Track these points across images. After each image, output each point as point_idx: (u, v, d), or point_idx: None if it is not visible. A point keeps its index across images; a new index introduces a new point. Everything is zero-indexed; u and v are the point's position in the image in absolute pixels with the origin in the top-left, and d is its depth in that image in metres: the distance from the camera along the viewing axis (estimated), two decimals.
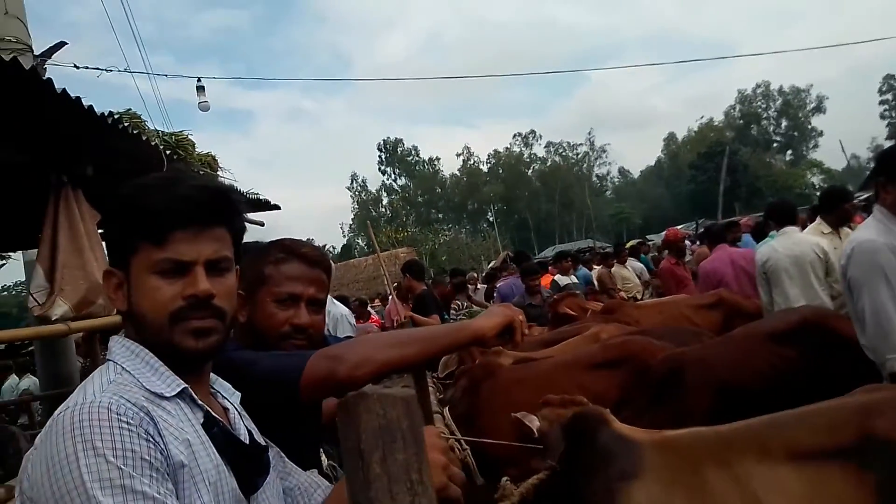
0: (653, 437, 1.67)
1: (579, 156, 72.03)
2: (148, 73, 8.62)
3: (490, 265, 15.67)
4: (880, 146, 58.01)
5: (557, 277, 8.03)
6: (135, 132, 3.46)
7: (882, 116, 61.35)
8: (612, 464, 1.64)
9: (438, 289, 6.70)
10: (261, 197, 5.82)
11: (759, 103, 67.70)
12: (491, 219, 61.32)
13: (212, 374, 1.10)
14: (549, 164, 70.74)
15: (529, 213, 65.25)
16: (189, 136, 4.49)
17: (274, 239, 1.62)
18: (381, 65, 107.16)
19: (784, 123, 66.80)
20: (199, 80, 10.08)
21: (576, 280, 8.05)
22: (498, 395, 2.82)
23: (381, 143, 72.89)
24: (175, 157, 4.12)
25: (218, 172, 4.77)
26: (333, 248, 69.63)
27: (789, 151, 65.66)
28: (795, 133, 65.35)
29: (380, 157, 72.90)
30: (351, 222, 70.43)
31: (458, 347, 1.40)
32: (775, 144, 66.94)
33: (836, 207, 4.14)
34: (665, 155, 72.17)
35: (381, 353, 1.27)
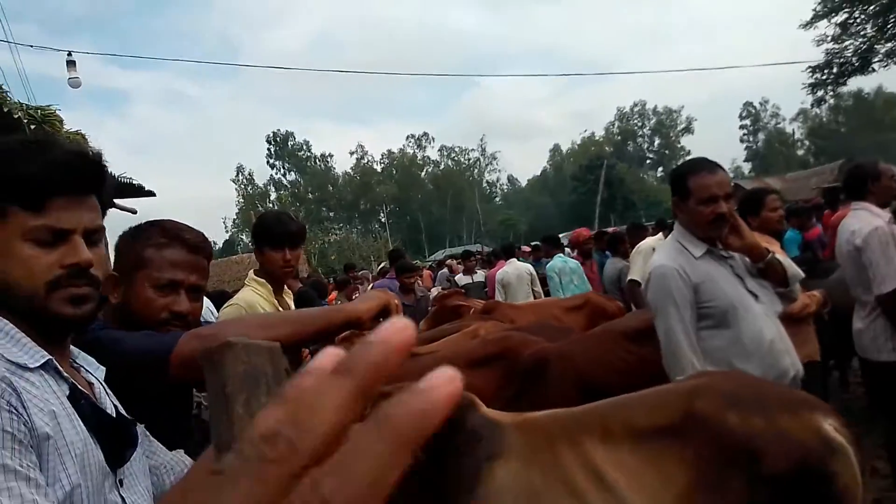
0: (515, 419, 1.83)
1: (471, 161, 73.83)
2: (9, 42, 7.84)
3: (381, 266, 15.69)
4: (739, 167, 64.49)
5: (458, 277, 8.26)
6: None
7: (741, 140, 68.27)
8: (479, 445, 1.78)
9: (323, 287, 6.67)
10: (134, 182, 5.49)
11: (635, 121, 72.93)
12: (383, 219, 61.26)
13: (75, 348, 1.09)
14: (441, 167, 71.87)
15: (421, 215, 65.87)
16: (57, 112, 4.18)
17: (152, 220, 1.60)
18: (271, 55, 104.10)
19: (657, 141, 72.40)
20: (69, 53, 9.33)
21: (477, 280, 8.29)
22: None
23: (271, 135, 70.54)
24: (41, 132, 3.83)
25: None
26: (215, 243, 66.27)
27: (660, 168, 71.18)
28: (666, 151, 70.98)
29: (269, 149, 70.49)
30: (235, 217, 67.51)
31: (333, 329, 1.40)
32: (648, 161, 72.38)
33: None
34: (550, 165, 75.72)
35: (253, 333, 1.25)
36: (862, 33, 25.58)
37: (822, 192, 15.44)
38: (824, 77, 27.25)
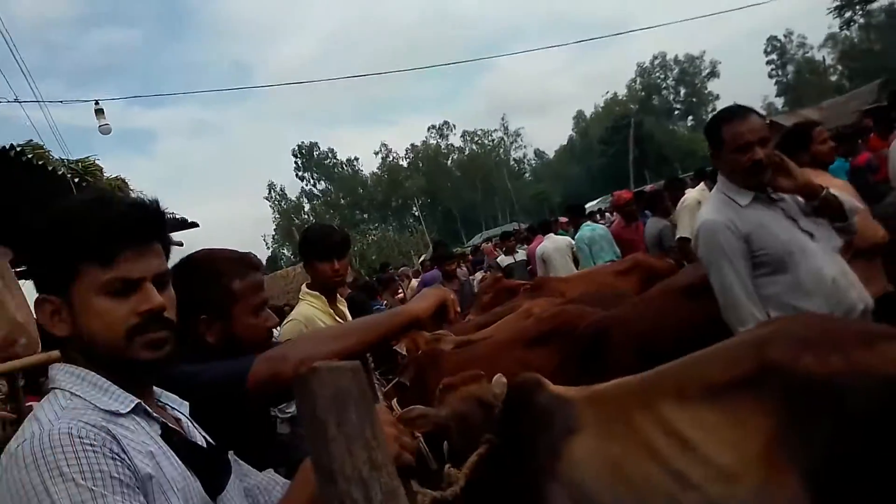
0: (584, 393, 1.83)
1: (495, 142, 73.24)
2: (40, 102, 8.17)
3: (420, 259, 15.77)
4: (772, 104, 62.20)
5: (500, 258, 8.26)
6: (39, 163, 3.33)
7: (770, 76, 65.72)
8: (553, 423, 1.79)
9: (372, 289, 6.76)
10: (176, 216, 5.65)
11: (657, 74, 70.91)
12: (416, 213, 61.43)
13: (157, 388, 1.13)
14: (467, 152, 71.58)
15: (453, 203, 65.82)
16: (97, 162, 4.33)
17: (197, 253, 1.63)
18: (284, 71, 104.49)
19: (682, 91, 70.30)
20: (96, 102, 9.65)
21: (519, 259, 8.24)
22: None
23: (296, 148, 71.51)
24: (84, 184, 3.96)
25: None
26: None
27: (690, 117, 69.15)
28: (694, 99, 68.86)
29: (296, 163, 71.50)
30: (273, 233, 68.90)
31: (396, 332, 1.46)
32: (676, 112, 70.43)
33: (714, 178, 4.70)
34: (576, 133, 74.43)
35: (322, 347, 1.32)
36: None
37: (863, 114, 14.77)
38: None
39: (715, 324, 2.68)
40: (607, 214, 14.07)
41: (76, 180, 3.73)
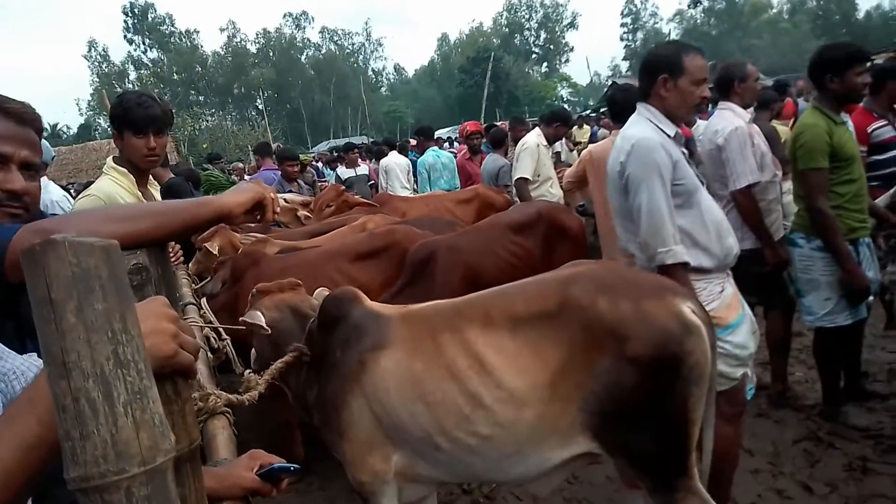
0: (401, 312, 1.85)
1: (355, 46, 70.05)
2: None
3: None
4: (618, 66, 66.45)
5: (340, 170, 8.00)
6: None
7: (621, 38, 69.68)
8: (365, 337, 1.79)
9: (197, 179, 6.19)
10: None
11: (523, 13, 71.88)
12: (260, 106, 57.28)
13: None
14: (323, 51, 67.71)
15: (303, 102, 62.37)
16: None
17: None
18: None
19: (543, 36, 72.22)
20: None
21: (361, 173, 8.01)
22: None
23: (128, 5, 62.20)
24: None
25: None
26: (68, 127, 59.58)
27: (545, 63, 71.60)
28: (551, 46, 71.16)
29: (125, 23, 62.40)
30: (90, 98, 60.43)
31: (202, 224, 1.28)
32: (534, 56, 72.42)
33: (551, 125, 5.23)
34: (438, 56, 73.69)
35: (105, 227, 1.12)
36: None
37: None
38: None
39: (535, 260, 2.87)
40: (456, 143, 14.30)
41: None
